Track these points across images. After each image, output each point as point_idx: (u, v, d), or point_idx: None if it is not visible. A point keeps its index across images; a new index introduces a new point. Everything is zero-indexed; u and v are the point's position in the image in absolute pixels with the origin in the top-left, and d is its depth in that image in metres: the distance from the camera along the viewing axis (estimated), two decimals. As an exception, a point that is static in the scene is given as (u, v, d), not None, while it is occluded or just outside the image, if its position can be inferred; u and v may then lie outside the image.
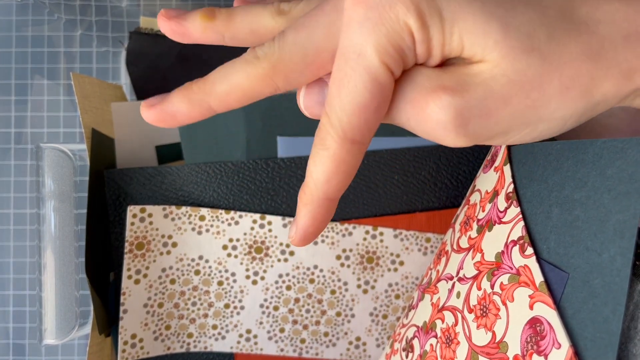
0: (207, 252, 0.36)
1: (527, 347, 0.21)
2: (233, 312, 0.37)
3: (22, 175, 0.46)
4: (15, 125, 0.46)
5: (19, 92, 0.46)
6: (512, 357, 0.21)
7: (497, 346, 0.22)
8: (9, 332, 0.45)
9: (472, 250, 0.26)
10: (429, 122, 0.17)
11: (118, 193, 0.36)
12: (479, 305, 0.24)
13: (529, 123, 0.18)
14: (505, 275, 0.23)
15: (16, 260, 0.46)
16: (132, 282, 0.35)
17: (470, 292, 0.25)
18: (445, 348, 0.26)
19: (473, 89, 0.17)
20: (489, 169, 0.28)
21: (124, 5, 0.44)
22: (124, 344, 0.35)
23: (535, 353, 0.20)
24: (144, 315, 0.36)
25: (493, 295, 0.23)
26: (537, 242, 0.22)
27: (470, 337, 0.24)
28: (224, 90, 0.19)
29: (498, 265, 0.24)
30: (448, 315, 0.26)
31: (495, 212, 0.25)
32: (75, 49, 0.46)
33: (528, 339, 0.21)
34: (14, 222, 0.46)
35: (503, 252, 0.24)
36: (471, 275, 0.26)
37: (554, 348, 0.20)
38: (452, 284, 0.27)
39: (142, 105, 0.20)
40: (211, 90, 0.19)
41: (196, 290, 0.37)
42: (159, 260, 0.36)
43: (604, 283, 0.19)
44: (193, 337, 0.37)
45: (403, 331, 0.31)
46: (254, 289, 0.37)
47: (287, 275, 0.37)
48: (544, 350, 0.20)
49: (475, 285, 0.25)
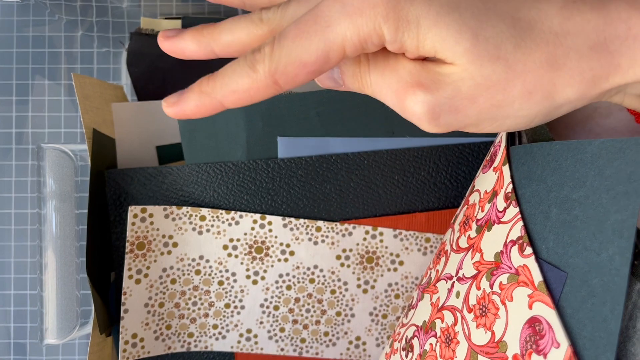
0: (208, 252, 0.36)
1: (526, 346, 0.21)
2: (233, 311, 0.37)
3: (23, 175, 0.46)
4: (17, 126, 0.46)
5: (20, 92, 0.46)
6: (512, 357, 0.21)
7: (497, 345, 0.22)
8: (10, 332, 0.46)
9: (472, 250, 0.26)
10: (408, 112, 0.20)
11: (119, 193, 0.36)
12: (478, 304, 0.24)
13: (495, 119, 0.20)
14: (504, 274, 0.23)
15: (17, 260, 0.46)
16: (133, 282, 0.35)
17: (470, 292, 0.25)
18: (445, 347, 0.26)
19: (444, 88, 0.19)
20: (488, 169, 0.28)
21: (125, 6, 0.44)
22: (125, 343, 0.35)
23: (534, 352, 0.21)
24: (145, 314, 0.36)
25: (492, 295, 0.23)
26: (536, 241, 0.22)
27: (469, 337, 0.24)
28: (228, 40, 0.22)
29: (497, 265, 0.24)
30: (447, 314, 0.27)
31: (494, 212, 0.25)
32: (76, 50, 0.46)
33: (527, 338, 0.21)
34: (15, 222, 0.46)
35: (502, 252, 0.24)
36: (470, 275, 0.26)
37: (553, 347, 0.20)
38: (452, 283, 0.27)
39: (159, 35, 0.23)
40: (218, 37, 0.22)
41: (197, 290, 0.37)
42: (159, 260, 0.36)
43: (603, 282, 0.19)
44: (194, 336, 0.37)
45: (403, 331, 0.31)
46: (254, 289, 0.37)
47: (287, 275, 0.37)
48: (543, 349, 0.20)
49: (475, 285, 0.25)
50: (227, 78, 0.20)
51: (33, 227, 0.46)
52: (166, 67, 0.42)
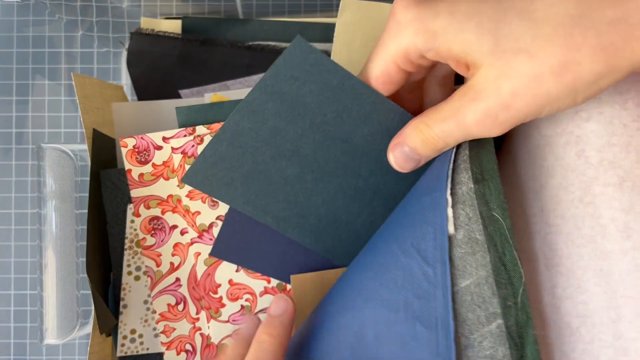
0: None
1: None
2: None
3: (23, 175, 0.46)
4: (17, 126, 0.46)
5: (20, 92, 0.46)
6: None
7: None
8: (10, 332, 0.46)
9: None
10: (470, 126, 0.23)
11: (115, 193, 0.36)
12: None
13: (542, 105, 0.21)
14: None
15: (17, 260, 0.46)
16: (132, 279, 0.35)
17: None
18: None
19: (486, 91, 0.22)
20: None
21: (125, 6, 0.44)
22: (123, 338, 0.35)
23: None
24: (144, 312, 0.36)
25: None
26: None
27: None
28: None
29: None
30: None
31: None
32: (76, 50, 0.46)
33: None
34: (15, 222, 0.46)
35: None
36: None
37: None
38: None
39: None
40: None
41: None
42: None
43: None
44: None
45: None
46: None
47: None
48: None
49: None
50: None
51: (33, 227, 0.46)
52: (166, 67, 0.42)
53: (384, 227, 0.28)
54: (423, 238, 0.23)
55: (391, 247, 0.25)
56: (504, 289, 0.21)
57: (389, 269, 0.24)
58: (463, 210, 0.22)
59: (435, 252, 0.22)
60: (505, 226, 0.22)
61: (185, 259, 0.35)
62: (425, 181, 0.26)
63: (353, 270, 0.27)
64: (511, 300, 0.21)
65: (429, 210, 0.23)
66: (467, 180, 0.23)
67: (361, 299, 0.25)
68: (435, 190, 0.24)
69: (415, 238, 0.23)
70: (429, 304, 0.22)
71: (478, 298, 0.21)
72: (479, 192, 0.22)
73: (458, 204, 0.23)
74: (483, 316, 0.21)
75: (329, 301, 0.28)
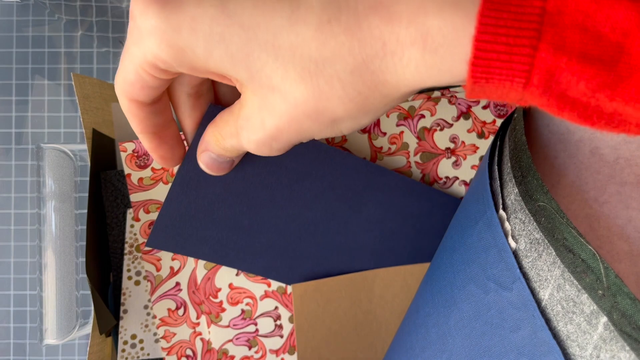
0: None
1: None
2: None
3: (22, 175, 0.46)
4: (16, 126, 0.46)
5: (19, 92, 0.46)
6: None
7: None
8: (9, 332, 0.46)
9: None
10: (246, 145, 0.22)
11: (115, 195, 0.36)
12: None
13: (308, 137, 0.21)
14: None
15: (17, 260, 0.46)
16: (132, 283, 0.35)
17: None
18: None
19: (253, 120, 0.21)
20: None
21: (125, 5, 0.44)
22: (124, 343, 0.35)
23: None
24: (145, 317, 0.36)
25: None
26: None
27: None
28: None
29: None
30: None
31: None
32: (76, 49, 0.46)
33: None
34: (15, 222, 0.46)
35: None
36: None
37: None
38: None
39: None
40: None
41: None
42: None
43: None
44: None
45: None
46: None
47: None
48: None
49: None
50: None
51: (33, 227, 0.46)
52: (166, 67, 0.42)
53: (450, 272, 0.25)
54: (492, 265, 0.21)
55: (471, 290, 0.23)
56: (586, 277, 0.18)
57: (479, 313, 0.22)
58: (516, 218, 0.21)
59: (508, 272, 0.21)
60: (553, 208, 0.19)
61: (185, 263, 0.35)
62: (469, 207, 0.24)
63: (445, 333, 0.24)
64: (599, 287, 0.17)
65: (486, 233, 0.22)
66: (512, 187, 0.22)
67: (471, 356, 0.23)
68: (485, 211, 0.22)
69: (486, 269, 0.22)
70: (524, 333, 0.19)
71: (567, 303, 0.18)
72: (523, 191, 0.21)
73: (511, 215, 0.21)
74: (584, 322, 0.18)
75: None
